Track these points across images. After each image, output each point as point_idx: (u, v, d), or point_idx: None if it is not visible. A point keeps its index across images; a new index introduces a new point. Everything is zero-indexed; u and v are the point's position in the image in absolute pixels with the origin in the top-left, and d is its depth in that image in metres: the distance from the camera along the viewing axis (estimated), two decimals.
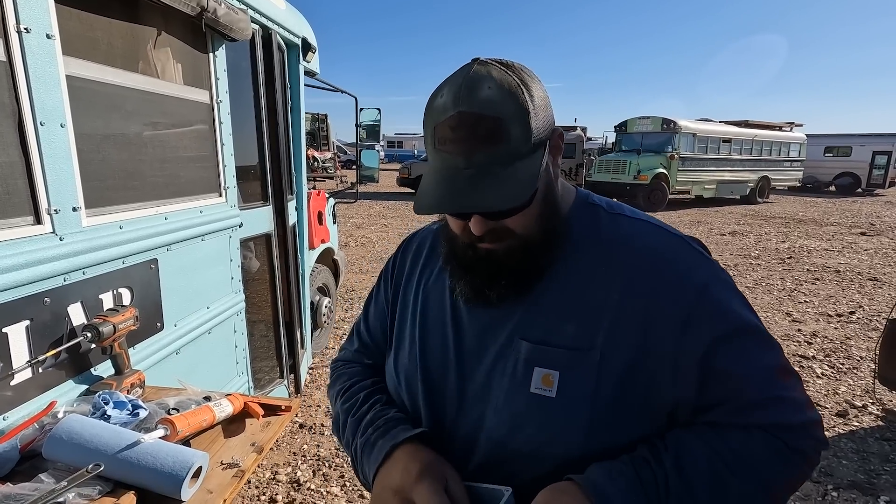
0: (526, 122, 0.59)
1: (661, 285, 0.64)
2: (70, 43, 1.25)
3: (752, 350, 0.64)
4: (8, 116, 1.10)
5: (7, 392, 1.10)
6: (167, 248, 1.60)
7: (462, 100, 0.58)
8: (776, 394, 0.64)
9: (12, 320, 1.09)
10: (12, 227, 1.11)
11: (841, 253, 7.78)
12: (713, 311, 0.64)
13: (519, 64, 0.64)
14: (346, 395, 0.84)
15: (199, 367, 1.81)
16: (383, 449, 0.71)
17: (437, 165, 0.62)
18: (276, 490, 2.30)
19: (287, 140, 2.58)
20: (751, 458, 0.62)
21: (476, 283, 0.68)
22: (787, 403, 0.64)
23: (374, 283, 0.94)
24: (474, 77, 0.59)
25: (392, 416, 0.76)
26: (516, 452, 0.66)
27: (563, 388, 0.64)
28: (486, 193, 0.58)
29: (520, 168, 0.59)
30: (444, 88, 0.61)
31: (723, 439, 0.63)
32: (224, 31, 1.75)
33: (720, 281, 0.67)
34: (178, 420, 1.07)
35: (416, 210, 0.62)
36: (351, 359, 0.93)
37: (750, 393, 0.64)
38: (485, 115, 0.58)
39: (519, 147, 0.59)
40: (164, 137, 1.65)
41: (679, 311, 0.63)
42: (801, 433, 0.64)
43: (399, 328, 0.82)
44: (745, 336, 0.64)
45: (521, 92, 0.59)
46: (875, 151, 18.29)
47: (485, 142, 0.58)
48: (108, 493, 0.92)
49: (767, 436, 0.63)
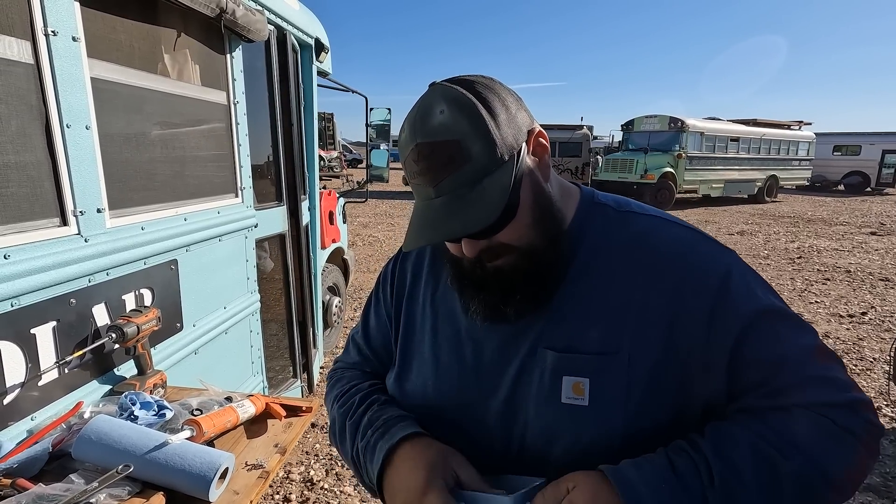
0: (486, 136, 0.57)
1: (683, 279, 0.63)
2: (94, 45, 1.26)
3: (783, 333, 0.61)
4: (35, 119, 1.11)
5: (35, 392, 1.11)
6: (186, 248, 1.61)
7: (417, 131, 0.59)
8: (815, 373, 0.60)
9: (40, 321, 1.10)
10: (40, 228, 1.12)
11: (851, 253, 7.72)
12: (737, 299, 0.62)
13: (478, 77, 0.62)
14: (342, 400, 0.81)
15: (217, 366, 1.82)
16: (382, 451, 0.68)
17: (416, 197, 0.63)
18: (289, 489, 2.32)
19: (301, 140, 2.59)
20: (796, 437, 0.57)
21: (491, 302, 0.66)
22: (829, 383, 0.60)
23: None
24: (426, 105, 0.59)
25: (390, 416, 0.73)
26: (557, 465, 0.64)
27: (594, 395, 0.63)
28: (455, 219, 0.58)
29: (488, 185, 0.58)
30: (405, 122, 0.61)
31: (763, 422, 0.59)
32: (242, 31, 1.76)
33: (741, 268, 0.65)
34: (204, 421, 1.08)
35: (403, 247, 0.62)
36: (349, 367, 0.89)
37: (785, 375, 0.60)
38: (440, 142, 0.57)
39: (484, 162, 0.58)
40: (182, 138, 1.66)
41: (703, 303, 0.61)
42: (849, 412, 0.59)
43: (405, 344, 0.78)
44: (774, 320, 0.62)
45: (476, 107, 0.58)
46: (885, 150, 18.13)
47: (446, 167, 0.58)
48: (137, 493, 0.93)
49: (811, 413, 0.58)
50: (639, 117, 13.94)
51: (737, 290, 0.62)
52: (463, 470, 0.64)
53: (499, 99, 0.61)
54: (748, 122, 15.40)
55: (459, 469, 0.64)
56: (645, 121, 13.72)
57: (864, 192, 18.54)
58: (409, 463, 0.65)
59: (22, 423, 1.08)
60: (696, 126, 13.07)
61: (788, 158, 16.02)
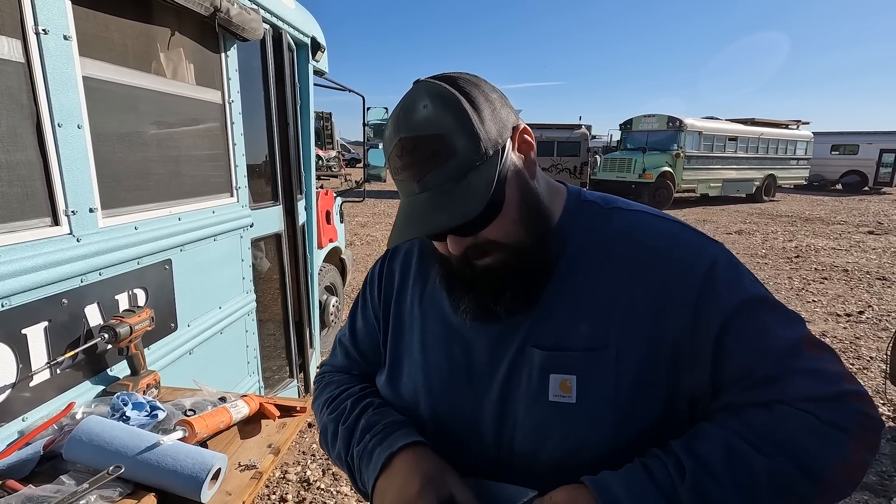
0: (470, 131, 0.57)
1: (668, 271, 0.62)
2: (86, 44, 1.25)
3: (768, 323, 0.60)
4: (26, 118, 1.10)
5: (26, 393, 1.10)
6: (181, 248, 1.60)
7: (401, 126, 0.59)
8: (800, 366, 0.58)
9: (32, 321, 1.10)
10: (31, 228, 1.11)
11: (849, 252, 7.73)
12: (723, 288, 0.61)
13: (463, 73, 0.63)
14: (334, 405, 0.80)
15: (212, 367, 1.81)
16: (381, 457, 0.67)
17: (401, 194, 0.63)
18: (286, 489, 2.31)
19: (297, 140, 2.58)
20: (775, 434, 0.56)
21: (481, 301, 0.65)
22: (815, 375, 0.58)
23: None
24: (409, 100, 0.59)
25: (390, 421, 0.72)
26: (545, 465, 0.64)
27: (582, 392, 0.62)
28: (440, 213, 0.57)
29: (473, 179, 0.57)
30: (390, 119, 0.61)
31: (740, 419, 0.58)
32: (236, 30, 1.75)
33: (727, 258, 0.64)
34: (197, 421, 1.07)
35: (387, 244, 0.61)
36: (337, 371, 0.89)
37: (768, 366, 0.58)
38: (424, 136, 0.57)
39: (469, 157, 0.57)
40: (176, 138, 1.65)
41: (689, 294, 0.61)
42: (835, 405, 0.57)
43: (394, 345, 0.77)
44: (760, 309, 0.61)
45: (460, 101, 0.58)
46: (882, 149, 18.15)
47: (430, 162, 0.57)
48: (129, 494, 0.92)
49: (793, 410, 0.57)
50: (637, 117, 13.94)
51: (722, 280, 0.62)
52: (459, 489, 0.64)
53: (482, 95, 0.60)
54: (746, 121, 15.42)
55: (455, 488, 0.64)
56: (643, 120, 13.72)
57: (861, 192, 18.57)
58: (406, 471, 0.65)
59: (13, 424, 1.07)
60: (694, 125, 13.08)
61: (786, 158, 16.04)
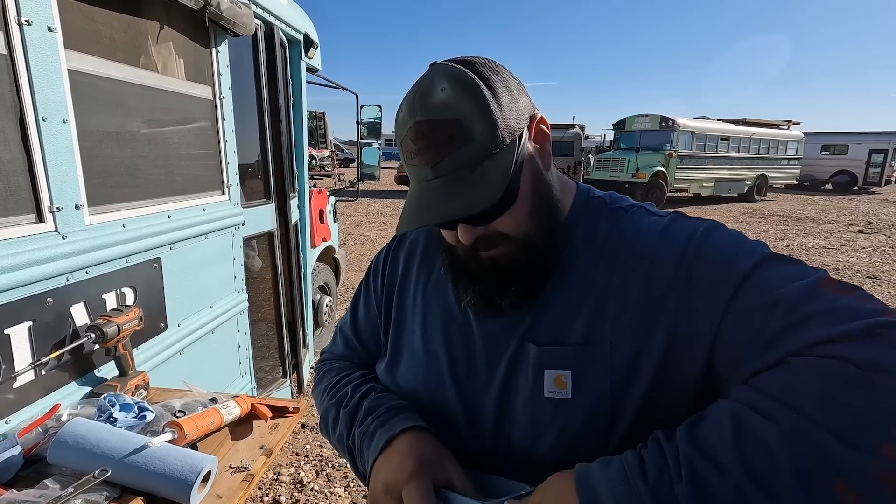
0: (488, 117, 0.55)
1: (657, 253, 0.60)
2: (72, 36, 1.22)
3: (773, 278, 0.53)
4: (9, 111, 1.07)
5: (9, 395, 1.07)
6: (170, 246, 1.57)
7: (417, 109, 0.56)
8: (816, 308, 0.49)
9: (14, 321, 1.06)
10: (14, 225, 1.08)
11: (839, 251, 7.79)
12: (717, 256, 0.57)
13: (481, 58, 0.61)
14: (334, 391, 0.79)
15: (203, 367, 1.78)
16: (382, 439, 0.67)
17: (412, 180, 0.61)
18: (279, 491, 2.28)
19: (289, 137, 2.55)
20: (795, 395, 0.45)
21: (486, 293, 0.64)
22: (835, 314, 0.48)
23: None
24: (426, 83, 0.57)
25: (392, 405, 0.71)
26: (543, 462, 0.62)
27: (577, 387, 0.60)
28: (454, 200, 0.55)
29: (489, 167, 0.56)
30: (404, 102, 0.59)
31: (750, 387, 0.49)
32: (227, 25, 1.72)
33: (722, 229, 0.61)
34: (186, 423, 1.04)
35: (396, 230, 0.59)
36: (337, 358, 0.88)
37: (778, 319, 0.50)
38: (441, 120, 0.55)
39: (486, 144, 0.55)
40: (166, 134, 1.62)
41: (681, 269, 0.57)
42: (871, 342, 0.45)
43: (396, 336, 0.77)
44: (762, 266, 0.55)
45: (479, 86, 0.56)
46: (872, 149, 18.35)
47: (446, 147, 0.55)
48: (116, 498, 0.90)
49: (813, 359, 0.46)
50: (630, 116, 13.99)
51: (716, 248, 0.58)
52: (458, 476, 0.62)
53: (501, 80, 0.58)
54: (738, 121, 15.53)
55: (455, 474, 0.62)
56: (637, 120, 13.78)
57: (851, 191, 18.75)
58: (404, 452, 0.64)
59: None
60: (686, 125, 13.15)
61: (778, 158, 16.17)
